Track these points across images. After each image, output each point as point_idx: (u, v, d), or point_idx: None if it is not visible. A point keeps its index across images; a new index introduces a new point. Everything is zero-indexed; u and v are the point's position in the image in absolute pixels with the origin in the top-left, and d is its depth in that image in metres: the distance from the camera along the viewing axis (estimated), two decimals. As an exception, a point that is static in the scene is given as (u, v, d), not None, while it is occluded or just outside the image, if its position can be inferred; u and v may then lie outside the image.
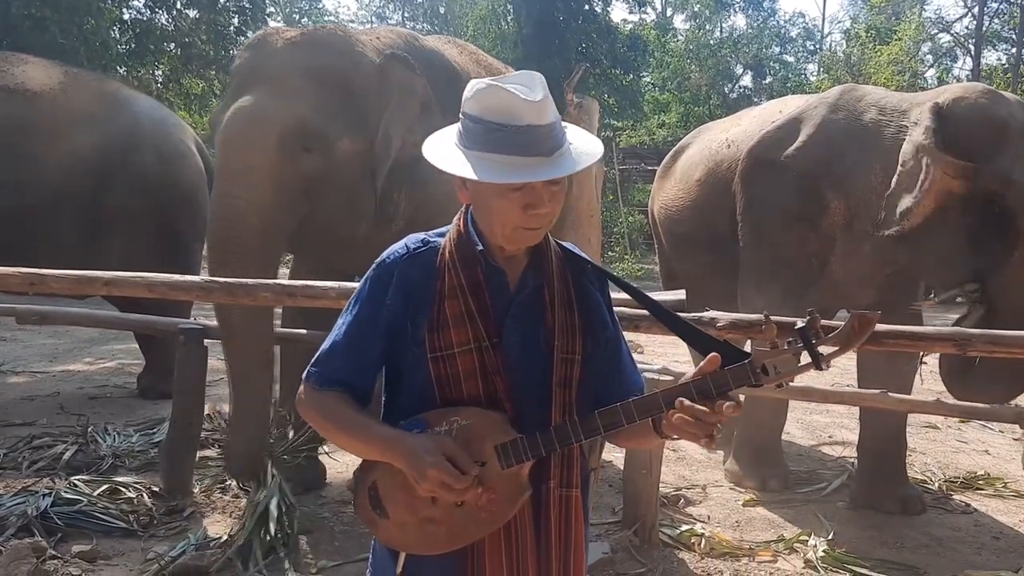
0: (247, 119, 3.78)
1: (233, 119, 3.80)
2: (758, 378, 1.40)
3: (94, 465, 4.60)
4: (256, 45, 4.11)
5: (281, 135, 3.74)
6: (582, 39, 22.82)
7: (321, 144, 3.84)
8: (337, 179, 3.92)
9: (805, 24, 35.73)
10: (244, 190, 3.74)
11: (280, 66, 3.87)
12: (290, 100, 3.78)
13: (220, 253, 3.80)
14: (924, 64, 26.06)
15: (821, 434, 6.28)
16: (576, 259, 1.63)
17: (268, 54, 3.95)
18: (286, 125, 3.75)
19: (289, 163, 3.78)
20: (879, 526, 4.38)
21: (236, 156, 3.77)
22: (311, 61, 3.89)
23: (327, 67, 3.91)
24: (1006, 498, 4.98)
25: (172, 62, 15.71)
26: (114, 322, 4.98)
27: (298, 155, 3.80)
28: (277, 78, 3.84)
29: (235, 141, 3.78)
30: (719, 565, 3.75)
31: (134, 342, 7.16)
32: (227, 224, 3.77)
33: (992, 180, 3.95)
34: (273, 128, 3.74)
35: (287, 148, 3.76)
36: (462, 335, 1.49)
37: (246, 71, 3.98)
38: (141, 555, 3.58)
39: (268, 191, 3.75)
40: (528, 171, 1.42)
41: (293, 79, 3.82)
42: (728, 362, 1.41)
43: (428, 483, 1.41)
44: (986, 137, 4.02)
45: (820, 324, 1.40)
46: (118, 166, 5.76)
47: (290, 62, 3.87)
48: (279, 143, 3.74)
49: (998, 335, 2.72)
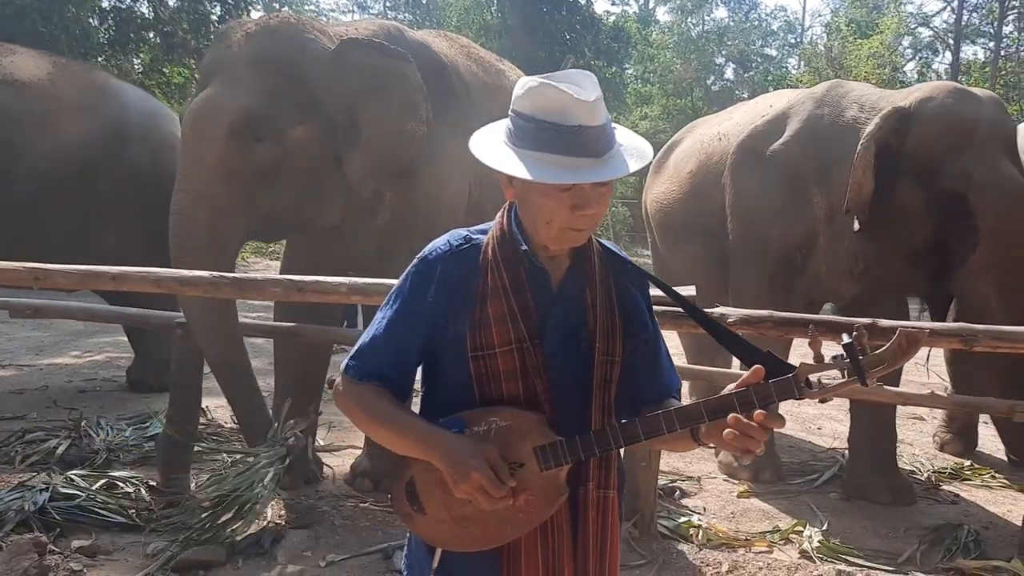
0: (198, 113, 3.89)
1: (189, 114, 3.96)
2: (802, 392, 1.40)
3: (88, 459, 4.57)
4: (219, 38, 4.25)
5: (230, 126, 3.79)
6: (566, 30, 22.82)
7: (272, 133, 3.87)
8: (295, 166, 3.95)
9: (787, 17, 35.95)
10: (194, 183, 3.83)
11: (233, 58, 3.93)
12: (237, 90, 3.84)
13: (174, 248, 3.89)
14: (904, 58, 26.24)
15: (811, 425, 6.35)
16: (616, 258, 1.63)
17: (227, 46, 4.01)
18: (233, 116, 3.80)
19: (240, 154, 3.82)
20: (871, 516, 4.44)
21: (190, 150, 3.89)
22: (259, 50, 3.93)
23: (274, 55, 3.95)
24: (993, 488, 5.07)
25: (153, 51, 15.53)
26: (110, 316, 4.93)
27: (250, 145, 3.84)
28: (229, 69, 3.91)
29: (188, 135, 3.91)
30: (717, 556, 3.79)
31: (121, 334, 7.11)
32: (178, 219, 3.86)
33: (953, 180, 4.02)
34: (221, 119, 3.80)
35: (237, 139, 3.80)
36: (503, 335, 1.50)
37: (208, 65, 4.13)
38: (142, 549, 3.57)
39: (218, 184, 3.81)
40: (578, 172, 1.41)
41: (241, 69, 3.88)
42: (772, 374, 1.41)
43: (468, 486, 1.42)
44: (952, 137, 4.10)
45: (866, 339, 1.39)
46: (108, 157, 5.71)
47: (241, 53, 3.93)
48: (228, 134, 3.79)
49: (1003, 331, 2.77)
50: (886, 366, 1.40)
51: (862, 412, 4.77)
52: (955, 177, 4.03)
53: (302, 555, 3.60)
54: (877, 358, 1.39)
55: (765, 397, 1.40)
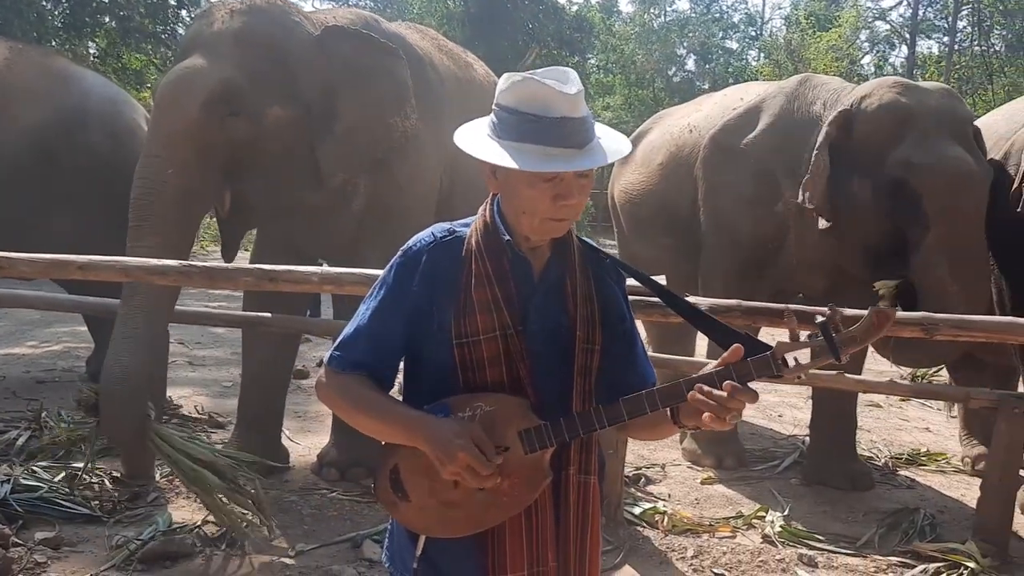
0: (176, 81, 3.86)
1: (165, 83, 3.93)
2: (779, 369, 1.44)
3: (49, 451, 4.49)
4: (201, 15, 4.27)
5: (207, 97, 3.75)
6: (529, 19, 22.81)
7: (249, 109, 3.85)
8: (269, 147, 3.92)
9: (747, 10, 36.30)
10: (167, 150, 3.78)
11: (215, 33, 3.91)
12: (217, 63, 3.82)
13: (138, 211, 3.81)
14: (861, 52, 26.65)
15: (772, 413, 6.46)
16: (594, 252, 1.68)
17: (208, 23, 3.99)
18: (211, 87, 3.77)
19: (214, 126, 3.79)
20: (831, 501, 4.54)
21: (163, 117, 3.85)
22: (243, 27, 3.92)
23: (258, 33, 3.93)
24: (948, 473, 5.21)
25: (109, 36, 15.23)
26: (70, 305, 4.84)
27: (224, 119, 3.81)
28: (210, 44, 3.89)
29: (163, 103, 3.87)
30: (682, 541, 3.85)
31: (79, 324, 6.98)
32: (147, 183, 3.79)
33: (894, 168, 4.13)
34: (199, 89, 3.77)
35: (212, 110, 3.77)
36: (487, 322, 1.53)
37: (188, 40, 4.13)
38: (106, 541, 3.52)
39: (191, 152, 3.78)
40: (562, 161, 1.46)
41: (224, 44, 3.87)
42: (750, 353, 1.46)
43: (455, 466, 1.44)
44: (891, 128, 4.20)
45: (839, 319, 1.45)
46: (67, 144, 5.59)
47: (224, 29, 3.91)
48: (204, 104, 3.75)
49: (964, 319, 2.84)
50: (858, 342, 1.46)
51: (823, 400, 4.87)
52: (896, 164, 4.13)
53: (270, 545, 3.59)
54: (850, 335, 1.45)
55: (745, 375, 1.44)
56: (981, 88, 23.00)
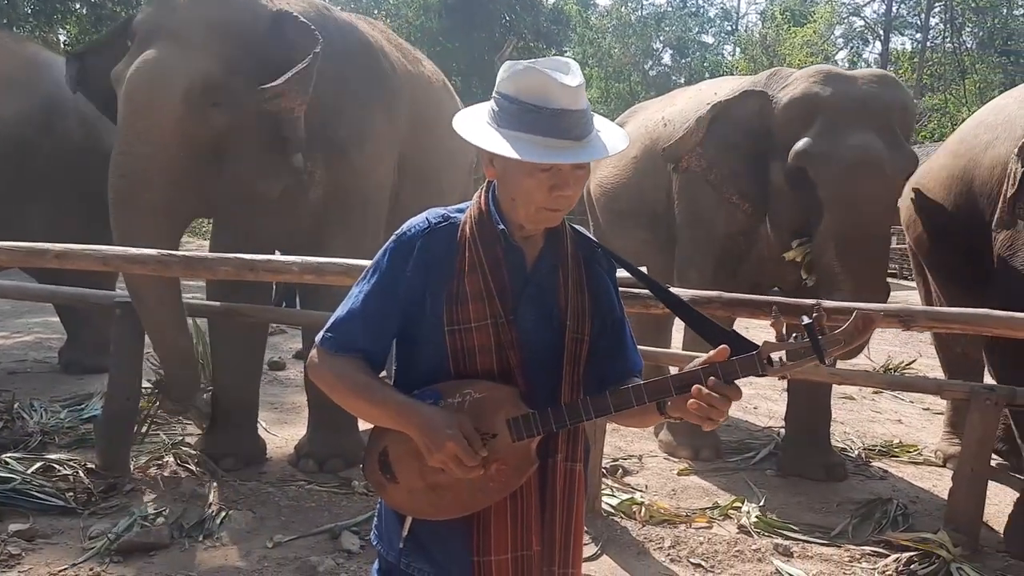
0: (151, 74, 3.72)
1: (136, 75, 3.73)
2: (764, 368, 1.46)
3: (22, 442, 4.43)
4: (159, 1, 4.00)
5: (187, 90, 3.70)
6: (506, 11, 22.74)
7: (229, 99, 3.80)
8: (248, 135, 3.88)
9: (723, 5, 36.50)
10: (148, 147, 3.69)
11: (183, 20, 3.81)
12: (195, 54, 3.74)
13: (123, 210, 3.73)
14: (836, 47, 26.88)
15: (747, 405, 6.50)
16: (587, 242, 1.69)
17: (170, 8, 3.88)
18: (192, 80, 3.71)
19: (197, 119, 3.74)
20: (806, 492, 4.59)
21: (140, 112, 3.72)
22: (214, 14, 3.85)
23: (230, 20, 3.87)
24: (919, 464, 5.28)
25: (81, 23, 15.04)
26: (44, 295, 4.77)
27: (206, 111, 3.76)
28: (180, 32, 3.78)
29: (138, 97, 3.72)
30: (659, 532, 3.88)
31: (51, 314, 6.90)
32: (131, 181, 3.70)
33: (796, 156, 4.21)
34: (178, 83, 3.70)
35: (194, 103, 3.72)
36: (479, 310, 1.54)
37: (148, 26, 3.89)
38: (81, 533, 3.49)
39: (174, 148, 3.72)
40: (560, 152, 1.46)
41: (197, 33, 3.78)
42: (736, 351, 1.47)
43: (443, 455, 1.46)
44: (798, 118, 4.30)
45: (825, 321, 1.46)
46: (40, 131, 5.54)
47: (193, 16, 3.82)
48: (185, 98, 3.70)
49: (940, 312, 2.89)
50: (843, 345, 1.47)
51: (799, 392, 4.92)
52: (796, 154, 4.21)
53: (248, 536, 3.58)
54: (835, 338, 1.46)
55: (730, 373, 1.46)
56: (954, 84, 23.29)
